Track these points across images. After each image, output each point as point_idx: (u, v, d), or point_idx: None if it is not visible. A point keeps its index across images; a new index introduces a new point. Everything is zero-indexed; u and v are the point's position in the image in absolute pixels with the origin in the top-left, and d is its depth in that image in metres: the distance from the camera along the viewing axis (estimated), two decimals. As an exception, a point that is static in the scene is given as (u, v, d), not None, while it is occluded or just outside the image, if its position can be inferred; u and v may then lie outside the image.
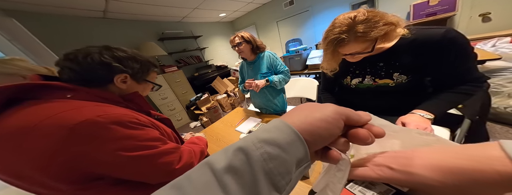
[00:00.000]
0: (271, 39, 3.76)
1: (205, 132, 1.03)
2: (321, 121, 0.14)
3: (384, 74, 0.55)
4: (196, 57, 3.33)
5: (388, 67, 0.53)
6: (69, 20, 1.94)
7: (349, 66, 0.60)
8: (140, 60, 0.43)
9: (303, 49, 1.99)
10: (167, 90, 2.43)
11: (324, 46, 0.50)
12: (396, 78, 0.53)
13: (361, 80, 0.60)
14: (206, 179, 0.11)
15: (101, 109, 0.32)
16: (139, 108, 0.44)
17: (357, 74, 0.60)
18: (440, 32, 0.44)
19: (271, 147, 0.12)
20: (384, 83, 0.56)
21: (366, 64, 0.57)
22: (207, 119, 2.35)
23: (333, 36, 0.45)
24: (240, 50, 0.93)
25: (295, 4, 2.93)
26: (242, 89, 1.09)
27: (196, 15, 2.98)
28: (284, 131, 0.13)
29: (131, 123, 0.33)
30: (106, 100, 0.37)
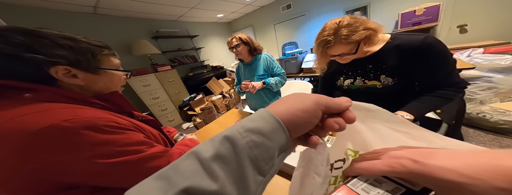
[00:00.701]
0: (268, 41, 3.83)
1: (199, 133, 1.03)
2: (302, 112, 0.16)
3: (373, 76, 0.59)
4: (191, 56, 3.31)
5: (376, 69, 0.58)
6: (56, 14, 1.87)
7: (342, 68, 0.65)
8: (68, 44, 0.32)
9: (299, 53, 2.06)
10: (159, 89, 2.39)
11: (315, 48, 0.56)
12: (383, 80, 0.58)
13: (352, 81, 0.65)
14: (193, 168, 0.12)
15: (70, 112, 0.28)
16: (119, 109, 0.40)
17: (349, 75, 0.65)
18: (420, 38, 0.49)
19: (256, 136, 0.13)
20: (373, 84, 0.60)
21: (357, 66, 0.62)
22: (201, 120, 2.33)
23: (322, 38, 0.51)
24: (238, 51, 0.95)
25: (292, 8, 3.03)
26: (238, 91, 1.11)
27: (193, 15, 2.98)
28: (268, 120, 0.15)
29: (108, 127, 0.30)
30: (77, 101, 0.33)
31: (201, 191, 0.11)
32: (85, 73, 0.35)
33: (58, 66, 0.31)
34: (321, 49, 0.53)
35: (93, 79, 0.36)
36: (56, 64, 0.31)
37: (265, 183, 0.14)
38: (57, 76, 0.31)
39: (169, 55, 3.01)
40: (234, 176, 0.12)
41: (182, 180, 0.11)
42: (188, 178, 0.11)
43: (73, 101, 0.32)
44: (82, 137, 0.27)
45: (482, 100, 1.15)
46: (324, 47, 0.52)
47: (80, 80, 0.34)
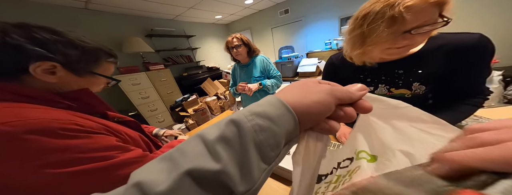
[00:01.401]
0: (265, 44, 3.91)
1: (191, 134, 1.01)
2: (318, 104, 0.14)
3: (402, 84, 0.49)
4: (186, 56, 3.30)
5: (408, 75, 0.47)
6: (44, 7, 1.81)
7: (359, 73, 0.55)
8: (80, 45, 0.33)
9: (295, 57, 2.12)
10: (149, 89, 2.34)
11: (369, 20, 0.37)
12: (415, 89, 0.48)
13: (372, 89, 0.55)
14: (198, 149, 0.12)
15: (15, 112, 0.25)
16: (90, 109, 0.37)
17: (368, 82, 0.54)
18: (475, 37, 0.40)
19: (262, 120, 0.13)
20: (400, 93, 0.50)
21: (381, 71, 0.51)
22: (193, 121, 2.30)
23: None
24: (238, 52, 0.96)
25: (290, 13, 3.14)
26: (233, 92, 1.12)
27: (190, 15, 3.00)
28: (275, 105, 0.14)
29: (66, 129, 0.26)
30: (32, 99, 0.29)
31: (204, 171, 0.11)
32: (69, 73, 0.33)
33: (47, 62, 0.29)
34: (390, 15, 0.33)
35: (72, 80, 0.34)
36: (49, 60, 0.29)
37: (268, 171, 0.13)
38: (34, 71, 0.29)
39: (163, 54, 2.98)
40: (237, 158, 0.12)
41: (186, 162, 0.11)
42: (192, 159, 0.12)
43: (27, 99, 0.29)
44: (27, 143, 0.23)
45: None
46: (399, 7, 0.32)
47: (54, 78, 0.31)
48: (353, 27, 0.42)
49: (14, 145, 0.23)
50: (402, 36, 0.36)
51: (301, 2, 2.92)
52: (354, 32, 0.42)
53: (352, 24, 0.43)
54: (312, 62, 1.97)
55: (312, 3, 2.80)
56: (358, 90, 0.16)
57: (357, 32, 0.41)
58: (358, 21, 0.40)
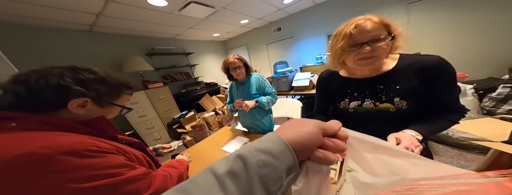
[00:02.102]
0: (261, 60, 4.14)
1: (189, 151, 1.04)
2: (307, 134, 0.18)
3: (385, 98, 0.54)
4: (185, 73, 3.44)
5: (388, 90, 0.54)
6: (50, 32, 1.96)
7: (346, 88, 0.61)
8: (110, 82, 0.41)
9: (289, 71, 2.26)
10: (147, 107, 2.39)
11: (336, 39, 0.50)
12: (397, 103, 0.53)
13: (360, 103, 0.59)
14: (209, 183, 0.14)
15: (49, 138, 0.31)
16: (103, 133, 0.42)
17: (355, 96, 0.60)
18: (435, 58, 0.48)
19: (265, 155, 0.15)
20: (385, 107, 0.55)
21: (365, 86, 0.57)
22: (191, 138, 2.29)
23: (350, 22, 0.47)
24: (240, 72, 1.04)
25: (282, 30, 3.44)
26: (231, 109, 1.19)
27: (190, 34, 3.24)
28: (276, 142, 0.17)
29: (88, 151, 0.32)
30: (59, 128, 0.35)
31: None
32: (94, 105, 0.40)
33: (82, 98, 0.36)
34: (345, 32, 0.47)
35: (96, 111, 0.41)
36: (84, 96, 0.37)
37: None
38: (70, 106, 0.36)
39: (162, 72, 3.12)
40: (244, 191, 0.13)
41: (199, 194, 0.13)
42: (204, 191, 0.13)
43: (56, 128, 0.34)
44: (60, 163, 0.28)
45: None
46: (350, 27, 0.46)
47: (84, 110, 0.38)
48: (331, 45, 0.53)
49: (52, 164, 0.28)
50: (361, 47, 0.47)
51: (291, 21, 3.23)
52: (332, 48, 0.53)
53: (330, 42, 0.54)
54: (305, 76, 2.10)
55: (301, 22, 3.11)
56: (336, 123, 0.21)
57: (333, 48, 0.52)
58: (332, 39, 0.52)
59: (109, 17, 1.92)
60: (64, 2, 1.48)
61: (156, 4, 1.79)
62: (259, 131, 1.18)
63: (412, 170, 0.23)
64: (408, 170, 0.23)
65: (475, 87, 1.51)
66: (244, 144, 0.99)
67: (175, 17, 2.25)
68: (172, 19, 2.29)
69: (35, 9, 1.52)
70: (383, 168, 0.24)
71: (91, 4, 1.58)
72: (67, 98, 0.36)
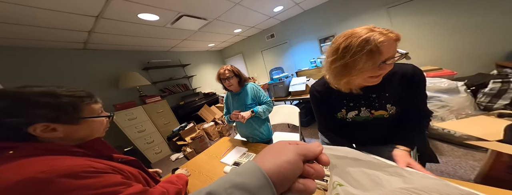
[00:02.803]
0: (257, 67, 4.23)
1: (187, 165, 1.04)
2: (288, 164, 0.17)
3: (378, 106, 0.58)
4: (182, 85, 3.49)
5: (380, 98, 0.58)
6: (45, 52, 2.00)
7: (341, 99, 0.63)
8: (51, 102, 0.37)
9: (285, 77, 2.31)
10: (145, 122, 2.40)
11: (350, 52, 0.44)
12: (389, 110, 0.57)
13: (357, 112, 0.62)
14: None
15: (46, 163, 0.33)
16: (99, 154, 0.44)
17: (351, 106, 0.62)
18: (410, 67, 0.54)
19: (241, 192, 0.14)
20: (380, 114, 0.59)
21: (359, 96, 0.60)
22: (191, 149, 2.28)
23: (366, 35, 0.42)
24: (230, 83, 1.07)
25: (275, 37, 3.55)
26: (228, 120, 1.20)
27: (185, 45, 3.34)
28: (255, 175, 0.15)
29: (85, 172, 0.34)
30: (57, 152, 0.37)
31: None
32: (65, 125, 0.39)
33: (35, 124, 0.35)
34: (368, 48, 0.41)
35: (74, 129, 0.40)
36: (34, 123, 0.35)
37: None
38: (35, 133, 0.35)
39: (159, 85, 3.16)
40: None
41: None
42: None
43: (54, 152, 0.37)
44: (59, 185, 0.31)
45: (442, 117, 1.34)
46: (373, 43, 0.41)
47: (59, 133, 0.38)
48: (335, 58, 0.47)
49: (51, 187, 0.30)
50: (379, 66, 0.44)
51: (283, 28, 3.35)
52: (336, 63, 0.48)
53: (333, 55, 0.48)
54: (301, 81, 2.13)
55: (292, 28, 3.23)
56: (317, 146, 0.20)
57: (340, 63, 0.47)
58: (339, 53, 0.46)
59: (101, 33, 1.96)
60: (55, 21, 1.51)
61: (147, 19, 1.85)
62: (258, 140, 1.18)
63: (395, 180, 0.25)
64: (392, 181, 0.25)
65: (466, 83, 1.53)
66: (243, 154, 0.99)
67: (168, 30, 2.33)
68: (166, 32, 2.37)
69: (26, 30, 1.54)
70: (370, 182, 0.26)
71: (81, 22, 1.62)
72: (20, 129, 0.35)
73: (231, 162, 0.93)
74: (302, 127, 1.43)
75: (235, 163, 0.90)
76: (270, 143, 1.22)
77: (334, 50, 0.47)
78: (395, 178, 0.25)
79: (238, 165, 0.87)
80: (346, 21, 2.60)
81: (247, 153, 1.00)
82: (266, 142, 1.19)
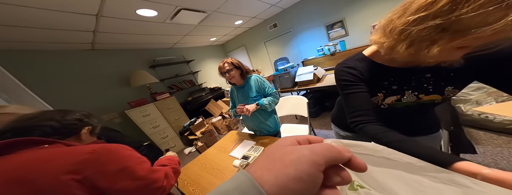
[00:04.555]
0: (261, 59, 4.09)
1: (199, 158, 1.06)
2: (296, 181, 0.11)
3: (433, 89, 0.44)
4: (189, 81, 3.51)
5: (439, 79, 0.42)
6: (55, 54, 2.05)
7: (383, 79, 0.48)
8: (91, 119, 0.57)
9: (291, 67, 2.20)
10: (158, 118, 2.48)
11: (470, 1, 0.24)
12: (447, 93, 0.43)
13: (399, 97, 0.48)
14: None
15: (99, 146, 0.44)
16: None
17: (394, 90, 0.47)
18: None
19: None
20: (431, 99, 0.45)
21: (410, 76, 0.45)
22: (202, 143, 2.34)
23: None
24: (231, 76, 1.03)
25: (278, 26, 3.35)
26: (234, 114, 1.18)
27: (187, 41, 3.30)
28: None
29: (125, 148, 0.49)
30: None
31: None
32: (89, 134, 0.55)
33: (87, 127, 0.54)
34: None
35: (89, 138, 0.55)
36: (88, 125, 0.54)
37: None
38: (82, 133, 0.52)
39: (167, 82, 3.20)
40: None
41: None
42: None
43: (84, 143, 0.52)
44: (120, 150, 0.46)
45: (477, 100, 1.14)
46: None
47: (85, 136, 0.54)
48: (427, 15, 0.28)
49: (117, 150, 0.45)
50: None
51: (286, 16, 3.13)
52: (426, 22, 0.29)
53: (421, 11, 0.29)
54: (308, 70, 2.02)
55: (296, 15, 3.00)
56: (346, 151, 0.14)
57: (435, 23, 0.28)
58: (442, 4, 0.26)
59: (105, 33, 1.97)
60: (58, 22, 1.52)
61: (145, 15, 1.81)
62: (265, 133, 1.16)
63: (451, 190, 0.18)
64: (445, 191, 0.19)
65: None
66: (251, 147, 0.97)
67: (168, 26, 2.28)
68: (166, 28, 2.33)
69: (33, 32, 1.57)
70: (406, 188, 0.20)
71: (84, 22, 1.63)
72: (81, 127, 0.52)
73: (240, 156, 0.92)
74: (311, 118, 1.37)
75: (244, 156, 0.89)
76: (278, 136, 1.19)
77: (429, 3, 0.28)
78: (450, 188, 0.19)
79: (247, 159, 0.85)
80: (354, 3, 2.35)
81: (255, 146, 0.98)
82: (273, 134, 1.16)
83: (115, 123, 2.40)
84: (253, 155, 0.87)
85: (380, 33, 0.39)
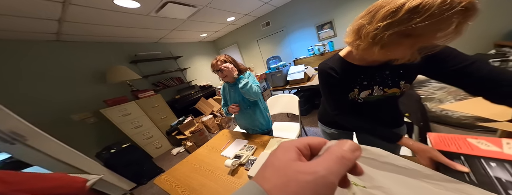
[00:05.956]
0: (253, 57, 4.06)
1: (189, 159, 1.00)
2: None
3: (392, 83, 0.53)
4: (176, 78, 3.34)
5: (394, 75, 0.52)
6: (12, 43, 1.75)
7: (356, 77, 0.55)
8: None
9: (283, 66, 2.21)
10: (142, 117, 2.31)
11: (417, 16, 0.30)
12: (402, 87, 0.52)
13: (370, 92, 0.56)
14: None
15: None
16: None
17: (365, 85, 0.56)
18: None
19: None
20: (393, 92, 0.54)
21: (375, 73, 0.53)
22: (192, 143, 2.25)
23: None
24: (224, 75, 0.98)
25: (271, 24, 3.35)
26: (226, 112, 1.14)
27: (174, 36, 3.11)
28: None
29: None
30: None
31: None
32: None
33: None
34: (448, 14, 0.28)
35: None
36: None
37: None
38: None
39: (151, 79, 3.01)
40: None
41: None
42: None
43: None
44: None
45: (440, 99, 1.32)
46: (461, 14, 0.29)
47: None
48: (391, 23, 0.33)
49: None
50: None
51: (279, 15, 3.14)
52: (392, 28, 0.33)
53: (385, 19, 0.33)
54: (299, 69, 2.05)
55: (289, 14, 3.03)
56: (352, 151, 0.13)
57: (398, 29, 0.33)
58: (401, 15, 0.31)
59: (75, 23, 1.71)
60: (13, 8, 1.30)
61: (126, 6, 1.64)
62: (258, 131, 1.14)
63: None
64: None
65: None
66: (243, 146, 0.95)
67: (153, 20, 2.12)
68: (151, 21, 2.16)
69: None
70: (409, 192, 0.20)
71: (45, 8, 1.38)
72: None
73: (232, 155, 0.89)
74: (301, 116, 1.39)
75: (236, 156, 0.86)
76: (270, 134, 1.19)
77: (391, 13, 0.33)
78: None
79: (239, 158, 0.83)
80: (343, 5, 2.44)
81: (247, 145, 0.96)
82: (266, 133, 1.15)
83: (88, 123, 2.18)
84: (245, 154, 0.85)
85: (353, 36, 0.43)
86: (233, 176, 0.76)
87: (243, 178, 0.73)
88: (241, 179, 0.73)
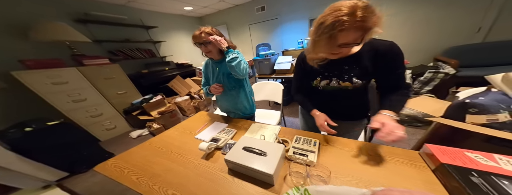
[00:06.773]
0: (243, 41, 3.81)
1: (152, 141, 0.82)
2: None
3: (347, 78, 0.61)
4: (146, 50, 2.83)
5: (350, 71, 0.60)
6: None
7: (320, 68, 0.64)
8: None
9: (272, 54, 2.12)
10: (86, 89, 1.83)
11: (320, 31, 0.45)
12: (354, 82, 0.60)
13: (328, 82, 0.66)
14: None
15: None
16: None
17: (325, 76, 0.65)
18: (388, 42, 0.55)
19: None
20: (345, 86, 0.62)
21: (334, 67, 0.62)
22: (160, 125, 1.98)
23: (335, 19, 0.42)
24: (208, 49, 0.83)
25: (266, 10, 3.14)
26: (206, 92, 0.99)
27: (149, 3, 2.59)
28: None
29: None
30: None
31: None
32: None
33: None
34: (330, 33, 0.43)
35: None
36: None
37: None
38: None
39: (107, 46, 2.44)
40: None
41: None
42: None
43: None
44: None
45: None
46: (335, 30, 0.42)
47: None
48: (313, 33, 0.49)
49: None
50: (336, 48, 0.49)
51: (276, 1, 2.96)
52: (313, 37, 0.50)
53: (313, 29, 0.50)
54: (287, 60, 2.04)
55: (285, 2, 2.90)
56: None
57: (313, 38, 0.50)
58: (316, 29, 0.47)
59: None
60: None
61: None
62: (240, 115, 1.04)
63: None
64: None
65: (412, 72, 1.91)
66: (222, 130, 0.84)
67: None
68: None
69: None
70: None
71: None
72: None
73: (208, 139, 0.76)
74: (283, 105, 1.39)
75: (213, 139, 0.74)
76: (252, 119, 1.10)
77: (315, 24, 0.49)
78: None
79: (217, 141, 0.72)
80: None
81: (227, 128, 0.85)
82: (248, 117, 1.06)
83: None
84: (224, 138, 0.74)
85: (310, 41, 0.54)
86: (208, 160, 0.65)
87: (219, 162, 0.63)
88: (216, 163, 0.62)
